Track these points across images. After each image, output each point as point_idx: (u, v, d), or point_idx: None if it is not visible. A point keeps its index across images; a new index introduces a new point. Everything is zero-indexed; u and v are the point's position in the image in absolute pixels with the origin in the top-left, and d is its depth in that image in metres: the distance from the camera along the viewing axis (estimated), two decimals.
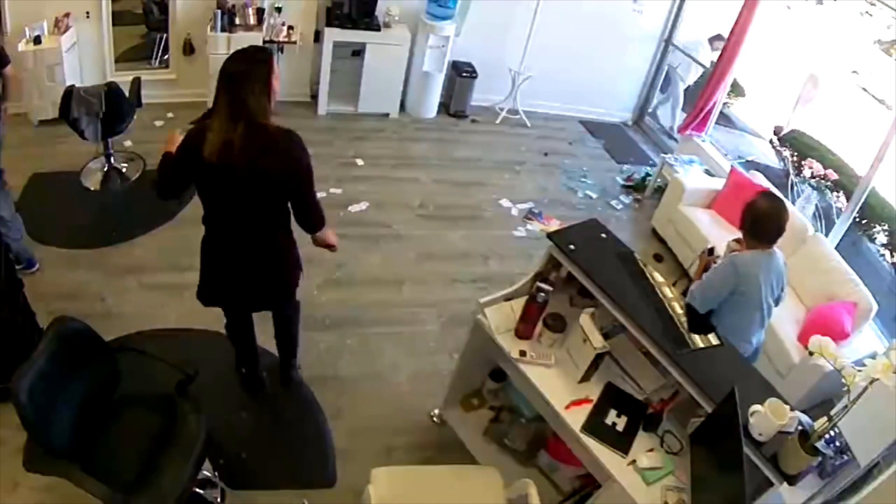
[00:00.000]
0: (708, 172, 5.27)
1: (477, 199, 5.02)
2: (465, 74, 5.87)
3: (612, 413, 2.38)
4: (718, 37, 6.16)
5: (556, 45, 5.82)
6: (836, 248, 4.33)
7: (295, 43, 5.19)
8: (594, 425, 2.33)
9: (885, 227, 5.38)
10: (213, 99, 2.17)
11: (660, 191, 5.29)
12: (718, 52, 6.19)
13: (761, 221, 2.71)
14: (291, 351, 3.15)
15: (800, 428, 1.98)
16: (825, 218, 5.26)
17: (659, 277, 2.58)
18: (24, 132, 4.60)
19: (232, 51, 2.25)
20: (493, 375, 2.98)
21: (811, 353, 1.98)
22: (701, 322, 2.55)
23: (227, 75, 2.11)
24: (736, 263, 2.69)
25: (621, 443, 2.29)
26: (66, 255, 3.73)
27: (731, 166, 5.18)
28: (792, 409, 2.03)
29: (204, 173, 2.23)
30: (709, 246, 3.20)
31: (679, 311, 2.47)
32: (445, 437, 3.06)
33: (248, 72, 2.10)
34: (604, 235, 2.73)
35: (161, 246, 3.92)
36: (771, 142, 6.23)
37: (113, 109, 4.00)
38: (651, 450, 2.30)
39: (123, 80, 4.34)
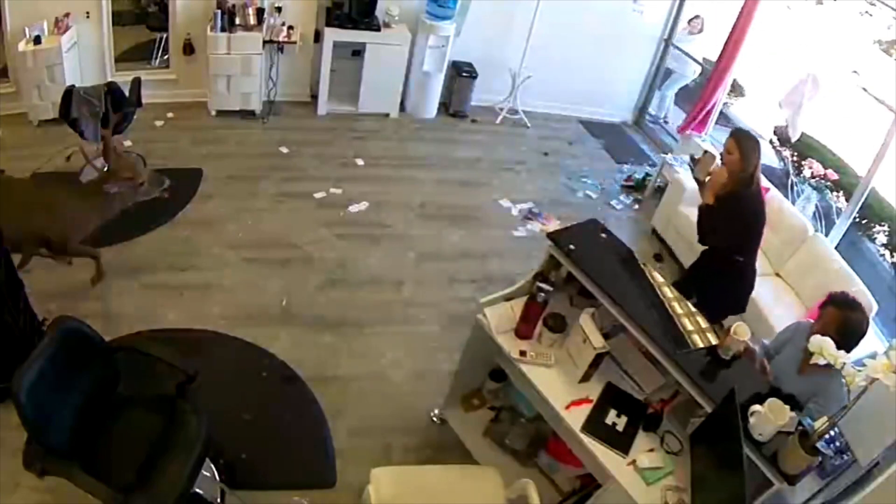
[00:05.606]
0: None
1: (477, 200, 5.01)
2: (465, 74, 5.87)
3: (612, 413, 2.38)
4: (696, 17, 6.30)
5: (556, 45, 5.82)
6: (836, 248, 4.33)
7: (295, 43, 5.19)
8: (594, 425, 2.33)
9: (885, 227, 5.38)
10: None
11: (660, 191, 5.29)
12: (695, 34, 6.35)
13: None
14: None
15: (800, 428, 1.98)
16: (825, 218, 5.26)
17: (659, 277, 2.58)
18: (24, 132, 4.60)
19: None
20: (493, 375, 2.98)
21: (811, 353, 1.97)
22: None
23: None
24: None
25: (621, 443, 2.29)
26: None
27: None
28: (792, 409, 2.03)
29: None
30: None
31: (679, 311, 2.47)
32: (445, 437, 3.06)
33: None
34: (604, 235, 2.74)
35: (161, 246, 3.92)
36: (771, 142, 6.21)
37: (113, 109, 3.99)
38: (651, 450, 2.30)
39: (123, 80, 4.33)
